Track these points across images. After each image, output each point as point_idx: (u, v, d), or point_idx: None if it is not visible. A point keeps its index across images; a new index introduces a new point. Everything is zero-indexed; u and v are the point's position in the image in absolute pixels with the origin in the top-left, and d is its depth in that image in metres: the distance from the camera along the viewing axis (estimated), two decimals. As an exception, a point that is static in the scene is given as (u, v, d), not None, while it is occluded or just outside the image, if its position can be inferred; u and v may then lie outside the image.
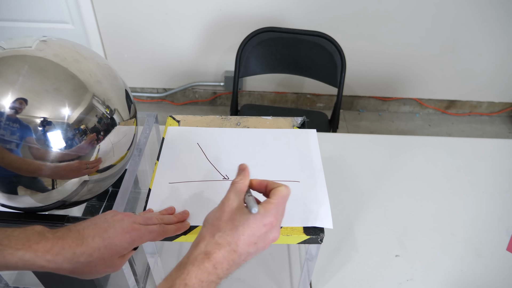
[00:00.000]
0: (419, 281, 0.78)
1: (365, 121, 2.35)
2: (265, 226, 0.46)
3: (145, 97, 2.38)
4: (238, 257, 0.45)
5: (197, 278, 0.42)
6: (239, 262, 0.46)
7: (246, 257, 0.46)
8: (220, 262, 0.44)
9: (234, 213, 0.46)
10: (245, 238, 0.45)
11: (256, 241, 0.46)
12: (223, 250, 0.44)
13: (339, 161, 1.02)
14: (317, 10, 1.93)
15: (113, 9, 1.98)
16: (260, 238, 0.46)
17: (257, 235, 0.46)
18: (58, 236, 0.47)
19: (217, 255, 0.44)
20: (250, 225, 0.45)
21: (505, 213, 0.91)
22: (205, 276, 0.42)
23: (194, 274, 0.42)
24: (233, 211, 0.47)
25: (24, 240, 0.45)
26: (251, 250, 0.46)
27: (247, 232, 0.45)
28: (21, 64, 0.51)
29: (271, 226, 0.47)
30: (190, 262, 0.43)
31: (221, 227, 0.46)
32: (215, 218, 0.47)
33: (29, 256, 0.45)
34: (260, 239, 0.46)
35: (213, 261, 0.43)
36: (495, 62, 2.13)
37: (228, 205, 0.47)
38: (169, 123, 0.77)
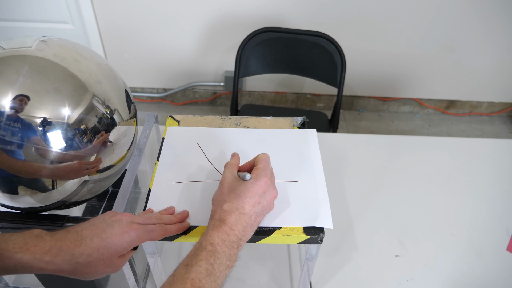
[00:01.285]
0: (419, 281, 0.78)
1: (365, 121, 2.35)
2: (261, 186, 0.54)
3: (145, 97, 2.38)
4: (249, 218, 0.52)
5: (219, 238, 0.49)
6: (251, 223, 0.53)
7: (256, 218, 0.54)
8: (235, 224, 0.50)
9: (233, 185, 0.54)
10: (248, 201, 0.52)
11: (259, 201, 0.53)
12: (234, 215, 0.51)
13: (339, 161, 1.02)
14: (317, 10, 1.93)
15: (113, 9, 1.98)
16: (261, 197, 0.54)
17: (258, 195, 0.53)
18: (56, 238, 0.47)
19: (230, 219, 0.51)
20: (249, 189, 0.53)
21: (505, 213, 0.91)
22: (225, 236, 0.49)
23: (215, 235, 0.49)
24: (231, 184, 0.55)
25: (22, 243, 0.45)
26: (257, 210, 0.53)
27: (248, 195, 0.53)
28: (21, 64, 0.51)
29: (267, 185, 0.55)
30: (210, 229, 0.50)
31: (225, 199, 0.53)
32: (219, 195, 0.55)
33: (27, 259, 0.45)
34: (262, 198, 0.54)
35: (229, 224, 0.50)
36: (495, 62, 2.13)
37: (226, 181, 0.55)
38: (169, 123, 0.77)
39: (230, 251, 0.49)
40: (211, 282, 0.44)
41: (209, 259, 0.46)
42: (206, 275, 0.44)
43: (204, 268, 0.45)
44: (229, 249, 0.49)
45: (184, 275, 0.44)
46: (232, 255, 0.49)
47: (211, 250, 0.47)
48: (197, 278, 0.43)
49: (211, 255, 0.46)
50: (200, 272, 0.44)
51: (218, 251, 0.47)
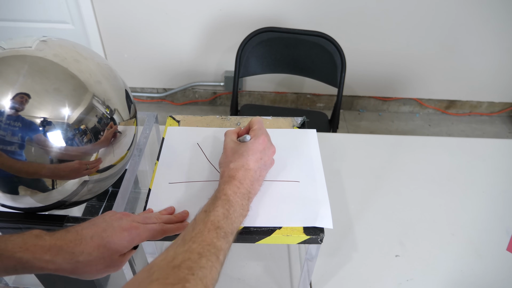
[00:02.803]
0: (419, 281, 0.78)
1: (365, 121, 2.35)
2: (261, 144, 0.60)
3: (145, 97, 2.38)
4: (254, 172, 0.58)
5: (231, 190, 0.54)
6: (256, 177, 0.58)
7: (261, 172, 0.60)
8: (243, 178, 0.56)
9: (234, 148, 0.60)
10: (251, 157, 0.58)
11: (261, 157, 0.59)
12: (241, 171, 0.57)
13: (339, 161, 1.02)
14: (317, 10, 1.93)
15: (113, 9, 1.98)
16: (262, 153, 0.59)
17: (259, 152, 0.59)
18: (56, 237, 0.47)
19: (239, 175, 0.56)
20: (250, 148, 0.59)
21: (505, 213, 0.91)
22: (236, 189, 0.55)
23: (228, 188, 0.54)
24: (233, 147, 0.61)
25: (21, 243, 0.45)
26: (260, 165, 0.59)
27: (250, 153, 0.58)
28: (21, 64, 0.51)
29: (265, 142, 0.60)
30: (222, 184, 0.56)
31: (231, 160, 0.58)
32: (223, 158, 0.61)
33: (27, 258, 0.45)
34: (263, 154, 0.60)
35: (238, 179, 0.56)
36: (495, 62, 2.13)
37: (228, 146, 0.62)
38: (169, 123, 0.77)
39: (242, 202, 0.54)
40: (228, 224, 0.50)
41: (225, 205, 0.51)
42: (223, 217, 0.50)
43: (221, 212, 0.50)
44: (241, 199, 0.54)
45: (204, 218, 0.49)
46: (244, 205, 0.55)
47: (225, 199, 0.52)
48: (216, 220, 0.49)
49: (226, 203, 0.52)
50: (217, 215, 0.49)
51: (231, 200, 0.53)
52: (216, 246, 0.46)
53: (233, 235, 0.50)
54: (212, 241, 0.46)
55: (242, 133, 0.65)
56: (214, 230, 0.47)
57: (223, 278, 0.76)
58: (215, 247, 0.46)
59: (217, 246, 0.46)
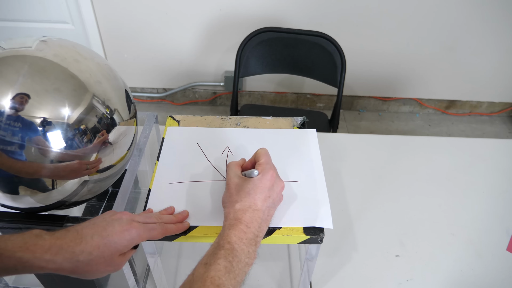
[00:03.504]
0: (419, 281, 0.78)
1: (365, 121, 2.35)
2: (269, 180, 0.55)
3: (145, 97, 2.38)
4: (262, 213, 0.53)
5: (236, 236, 0.49)
6: (265, 218, 0.54)
7: (269, 212, 0.55)
8: (250, 221, 0.51)
9: (240, 184, 0.55)
10: (259, 196, 0.53)
11: (269, 195, 0.54)
12: (248, 213, 0.52)
13: (339, 161, 1.02)
14: (317, 10, 1.93)
15: (113, 9, 1.98)
16: (270, 191, 0.55)
17: (267, 189, 0.54)
18: (56, 236, 0.47)
19: (245, 217, 0.51)
20: (258, 185, 0.54)
21: (505, 213, 0.91)
22: (243, 234, 0.50)
23: (232, 234, 0.49)
24: (238, 184, 0.55)
25: (21, 243, 0.45)
26: (268, 204, 0.54)
27: (258, 191, 0.53)
28: (21, 64, 0.51)
29: (273, 178, 0.56)
30: (226, 228, 0.50)
31: (236, 199, 0.53)
32: (228, 196, 0.55)
33: (27, 258, 0.45)
34: (271, 191, 0.55)
35: (244, 223, 0.51)
36: (495, 62, 2.13)
37: (232, 182, 0.56)
38: (169, 123, 0.77)
39: (248, 249, 0.49)
40: (230, 279, 0.45)
41: (228, 257, 0.46)
42: (225, 272, 0.45)
43: (223, 266, 0.45)
44: (247, 246, 0.49)
45: (203, 274, 0.44)
46: (251, 252, 0.50)
47: (229, 248, 0.47)
48: (216, 276, 0.44)
49: (229, 253, 0.47)
50: (219, 270, 0.45)
51: (236, 249, 0.48)
52: None
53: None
54: None
55: (247, 166, 0.60)
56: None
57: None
58: None
59: None
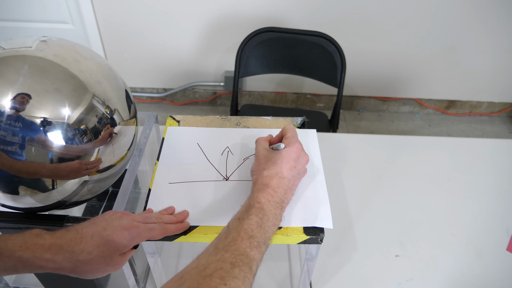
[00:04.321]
0: (419, 281, 0.78)
1: (365, 121, 2.35)
2: (295, 152, 0.58)
3: (145, 97, 2.38)
4: (288, 181, 0.56)
5: (265, 198, 0.53)
6: (290, 186, 0.57)
7: (294, 181, 0.58)
8: (277, 186, 0.55)
9: (267, 156, 0.59)
10: (285, 166, 0.57)
11: (295, 165, 0.58)
12: (275, 179, 0.55)
13: (339, 161, 1.02)
14: (317, 10, 1.93)
15: (113, 9, 1.98)
16: (296, 161, 0.58)
17: (293, 160, 0.58)
18: (56, 236, 0.47)
19: (272, 183, 0.55)
20: (285, 156, 0.58)
21: (505, 213, 0.91)
22: (270, 197, 0.53)
23: (261, 196, 0.53)
24: (266, 155, 0.60)
25: (21, 242, 0.45)
26: (294, 173, 0.58)
27: (285, 161, 0.57)
28: (21, 64, 0.51)
29: (299, 150, 0.59)
30: (255, 191, 0.54)
31: (264, 167, 0.57)
32: (256, 165, 0.59)
33: (27, 257, 0.45)
34: (296, 162, 0.58)
35: (272, 187, 0.54)
36: (495, 62, 2.13)
37: (261, 153, 0.61)
38: (169, 123, 0.77)
39: (275, 211, 0.53)
40: (261, 233, 0.49)
41: (258, 214, 0.50)
42: (257, 226, 0.49)
43: (254, 221, 0.49)
44: (274, 208, 0.53)
45: (237, 226, 0.48)
46: (277, 214, 0.53)
47: (259, 207, 0.51)
48: (249, 228, 0.48)
49: (259, 211, 0.51)
50: (251, 224, 0.49)
51: (265, 208, 0.52)
52: (249, 256, 0.45)
53: (265, 245, 0.49)
54: (245, 251, 0.45)
55: (274, 141, 0.65)
56: (247, 239, 0.46)
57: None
58: (248, 257, 0.45)
59: (250, 256, 0.45)
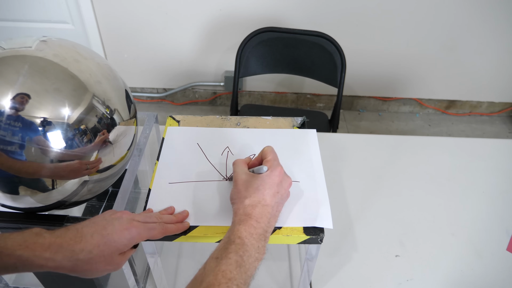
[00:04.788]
0: (419, 281, 0.78)
1: (365, 121, 2.35)
2: (277, 176, 0.56)
3: (145, 97, 2.38)
4: (271, 209, 0.53)
5: (247, 231, 0.50)
6: (274, 213, 0.54)
7: (277, 207, 0.55)
8: (260, 217, 0.52)
9: (248, 181, 0.56)
10: (268, 192, 0.54)
11: (278, 190, 0.55)
12: (257, 208, 0.52)
13: (339, 161, 1.02)
14: (317, 10, 1.93)
15: (113, 9, 1.98)
16: (279, 186, 0.55)
17: (276, 185, 0.55)
18: (56, 235, 0.47)
19: (255, 212, 0.52)
20: (267, 181, 0.55)
21: (505, 213, 0.91)
22: (253, 230, 0.50)
23: (243, 229, 0.50)
24: (246, 180, 0.56)
25: (21, 241, 0.45)
26: (277, 199, 0.55)
27: (267, 187, 0.54)
28: (21, 64, 0.51)
29: (281, 174, 0.57)
30: (237, 224, 0.51)
31: (245, 195, 0.54)
32: (236, 193, 0.55)
33: (27, 256, 0.45)
34: (279, 187, 0.55)
35: (254, 218, 0.51)
36: (495, 62, 2.13)
37: (240, 178, 0.56)
38: (169, 123, 0.77)
39: (258, 244, 0.50)
40: (241, 273, 0.46)
41: (238, 251, 0.47)
42: (236, 266, 0.46)
43: (233, 260, 0.46)
44: (257, 241, 0.50)
45: (215, 268, 0.45)
46: (260, 247, 0.50)
47: (240, 243, 0.48)
48: (227, 269, 0.45)
49: (240, 248, 0.48)
50: (230, 264, 0.46)
51: (246, 243, 0.48)
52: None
53: (246, 285, 0.46)
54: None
55: (253, 164, 0.61)
56: (225, 284, 0.43)
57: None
58: None
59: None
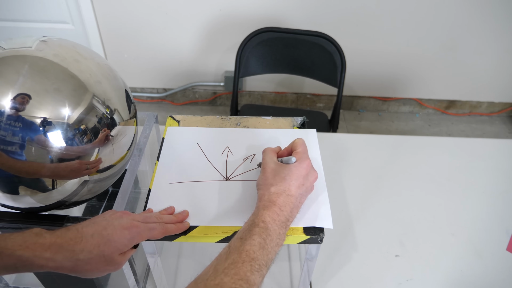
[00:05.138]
0: (419, 281, 0.78)
1: (365, 121, 2.35)
2: (305, 168, 0.56)
3: (145, 97, 2.38)
4: (295, 199, 0.54)
5: (270, 217, 0.51)
6: (297, 204, 0.55)
7: (301, 199, 0.56)
8: (283, 205, 0.53)
9: (276, 169, 0.57)
10: (294, 183, 0.55)
11: (303, 183, 0.56)
12: (282, 197, 0.53)
13: (339, 161, 1.02)
14: (317, 10, 1.93)
15: (113, 9, 1.98)
16: (305, 178, 0.56)
17: (302, 177, 0.56)
18: (56, 235, 0.47)
19: (279, 201, 0.53)
20: (294, 172, 0.55)
21: (505, 213, 0.91)
22: (276, 216, 0.51)
23: (267, 214, 0.51)
24: (274, 169, 0.57)
25: (21, 241, 0.45)
26: (301, 191, 0.56)
27: (293, 178, 0.55)
28: (21, 64, 0.51)
29: (309, 167, 0.57)
30: (261, 209, 0.52)
31: (272, 183, 0.55)
32: (263, 179, 0.57)
33: (27, 256, 0.45)
34: (305, 180, 0.56)
35: (278, 205, 0.52)
36: (495, 62, 2.13)
37: (268, 166, 0.58)
38: (169, 123, 0.77)
39: (279, 230, 0.51)
40: (263, 255, 0.47)
41: (262, 234, 0.49)
42: (259, 248, 0.47)
43: (257, 242, 0.48)
44: (279, 228, 0.51)
45: (239, 247, 0.47)
46: (281, 234, 0.52)
47: (263, 227, 0.50)
48: (251, 250, 0.47)
49: (263, 231, 0.49)
50: (254, 245, 0.47)
51: (269, 228, 0.50)
52: (249, 281, 0.44)
53: (267, 267, 0.48)
54: (246, 275, 0.44)
55: (282, 154, 0.62)
56: (248, 262, 0.45)
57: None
58: (248, 282, 0.43)
59: (251, 281, 0.44)
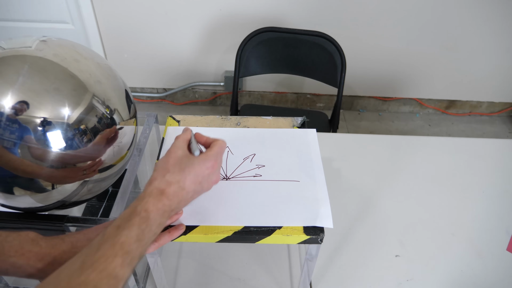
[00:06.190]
0: (419, 281, 0.78)
1: (365, 121, 2.35)
2: (207, 168, 0.54)
3: (145, 97, 2.38)
4: (186, 193, 0.51)
5: (155, 206, 0.48)
6: (187, 198, 0.52)
7: (193, 195, 0.53)
8: (172, 196, 0.50)
9: (180, 158, 0.53)
10: (191, 177, 0.52)
11: (201, 181, 0.53)
12: (173, 187, 0.50)
13: (339, 161, 1.02)
14: (317, 10, 1.93)
15: (113, 9, 1.98)
16: (204, 178, 0.53)
17: (201, 176, 0.53)
18: (51, 244, 0.48)
19: (169, 191, 0.49)
20: (195, 167, 0.53)
21: (505, 213, 0.91)
22: (161, 206, 0.48)
23: (151, 203, 0.48)
24: (178, 157, 0.53)
25: (18, 247, 0.46)
26: (196, 188, 0.53)
27: (192, 172, 0.52)
28: (21, 64, 0.51)
29: (213, 169, 0.54)
30: (147, 195, 0.49)
31: (169, 169, 0.51)
32: (164, 162, 0.53)
33: (21, 263, 0.45)
34: (204, 179, 0.54)
35: (166, 195, 0.49)
36: (495, 62, 2.13)
37: (174, 151, 0.54)
38: (169, 123, 0.77)
39: (160, 220, 0.48)
40: (139, 247, 0.45)
41: (141, 225, 0.46)
42: (135, 240, 0.44)
43: (135, 233, 0.45)
44: (161, 218, 0.48)
45: (114, 237, 0.43)
46: (162, 223, 0.49)
47: (145, 217, 0.46)
48: (126, 242, 0.44)
49: (143, 221, 0.46)
50: (130, 236, 0.44)
51: (150, 218, 0.47)
52: (117, 276, 0.41)
53: (140, 258, 0.46)
54: (115, 271, 0.41)
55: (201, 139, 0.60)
56: (121, 256, 0.42)
57: (223, 278, 0.76)
58: (116, 277, 0.41)
59: (119, 276, 0.41)
